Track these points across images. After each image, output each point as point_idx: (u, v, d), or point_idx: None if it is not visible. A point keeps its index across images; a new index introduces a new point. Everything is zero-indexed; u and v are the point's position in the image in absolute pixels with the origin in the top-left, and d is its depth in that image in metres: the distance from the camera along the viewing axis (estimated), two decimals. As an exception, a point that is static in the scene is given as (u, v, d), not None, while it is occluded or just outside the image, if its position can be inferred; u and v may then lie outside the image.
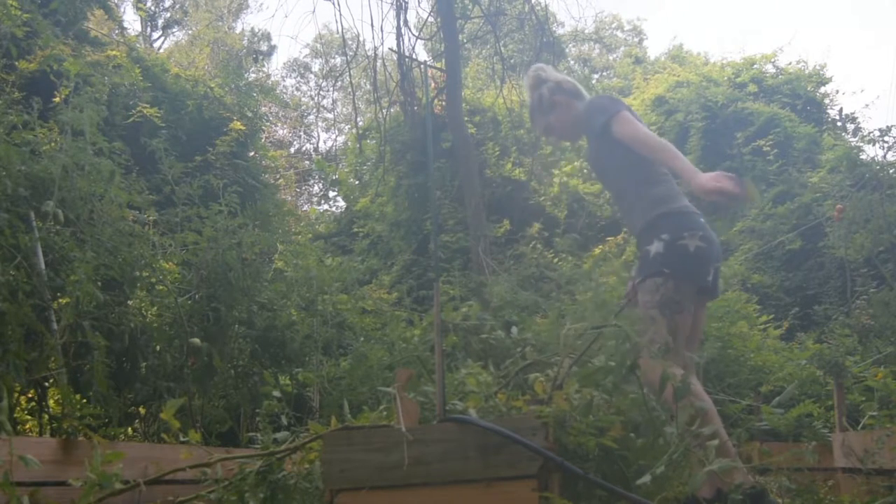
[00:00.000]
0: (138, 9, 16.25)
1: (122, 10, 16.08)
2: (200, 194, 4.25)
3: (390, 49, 10.77)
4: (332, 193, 19.67)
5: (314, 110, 23.57)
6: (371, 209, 12.23)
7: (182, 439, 2.73)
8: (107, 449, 2.12)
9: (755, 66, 12.65)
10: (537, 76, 3.03)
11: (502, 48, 11.44)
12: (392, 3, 8.93)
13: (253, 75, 14.85)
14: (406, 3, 8.88)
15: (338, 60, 22.44)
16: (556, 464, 1.70)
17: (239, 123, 7.81)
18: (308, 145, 23.63)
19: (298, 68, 25.01)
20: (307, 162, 21.04)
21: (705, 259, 2.61)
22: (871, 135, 7.57)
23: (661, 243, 2.61)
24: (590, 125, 2.83)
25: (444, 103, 9.78)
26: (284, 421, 2.90)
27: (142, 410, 3.87)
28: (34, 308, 2.94)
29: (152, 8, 21.64)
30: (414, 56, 9.46)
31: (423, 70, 9.75)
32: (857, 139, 9.02)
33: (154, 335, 3.72)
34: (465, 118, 9.90)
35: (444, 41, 9.24)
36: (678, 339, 2.54)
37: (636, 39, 24.91)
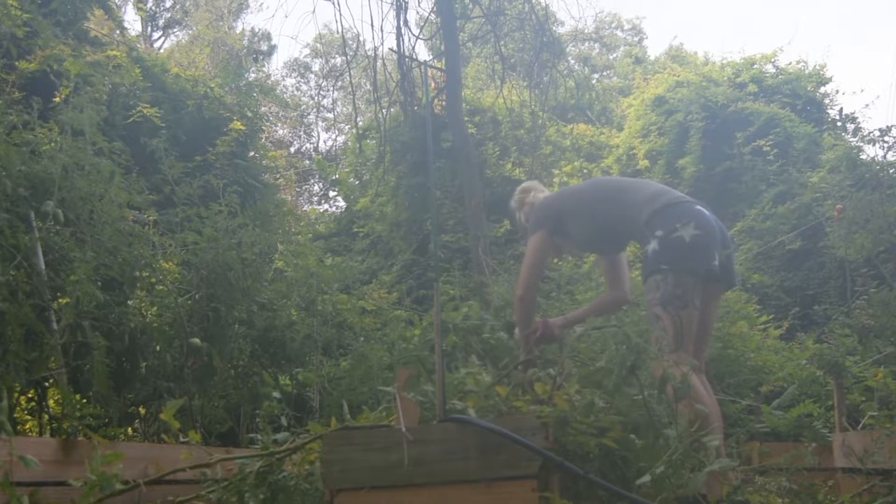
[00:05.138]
0: (139, 9, 16.23)
1: (122, 10, 16.07)
2: (200, 194, 4.25)
3: (390, 49, 10.76)
4: (332, 193, 19.70)
5: (314, 110, 23.55)
6: (371, 209, 12.22)
7: (182, 439, 2.74)
8: (107, 449, 2.12)
9: (755, 66, 12.63)
10: (520, 199, 3.27)
11: (502, 48, 11.43)
12: (392, 3, 8.92)
13: (253, 75, 14.83)
14: (406, 2, 8.87)
15: (338, 60, 22.44)
16: (556, 464, 1.70)
17: (239, 123, 7.80)
18: (308, 145, 23.62)
19: (298, 68, 24.98)
20: (307, 162, 21.03)
21: (704, 246, 2.63)
22: (871, 135, 7.57)
23: (656, 241, 2.64)
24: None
25: (444, 103, 9.77)
26: (284, 421, 2.90)
27: (142, 410, 3.87)
28: (34, 308, 2.95)
29: (153, 8, 21.63)
30: (414, 56, 9.45)
31: (423, 70, 9.74)
32: (857, 139, 9.00)
33: (154, 335, 3.72)
34: (465, 118, 9.89)
35: (444, 41, 9.24)
36: (686, 335, 2.54)
37: (636, 39, 24.90)
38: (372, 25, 22.97)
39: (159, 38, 22.71)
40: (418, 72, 9.75)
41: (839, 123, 10.89)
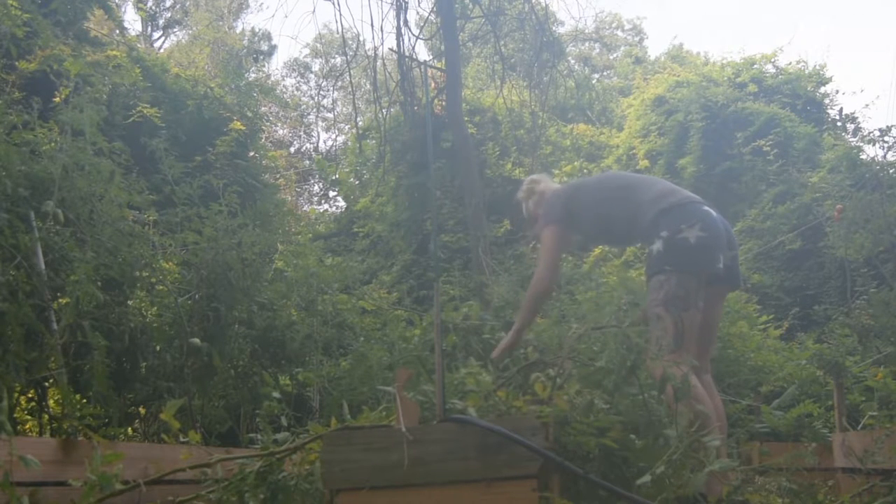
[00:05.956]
0: (139, 9, 16.24)
1: (122, 9, 16.08)
2: (200, 194, 4.24)
3: (390, 49, 10.76)
4: (332, 193, 19.68)
5: (314, 110, 23.55)
6: (371, 209, 12.22)
7: (182, 439, 2.73)
8: (107, 449, 2.12)
9: (755, 66, 12.63)
10: (529, 189, 3.28)
11: (502, 48, 11.43)
12: (392, 3, 8.93)
13: (253, 75, 14.83)
14: (406, 2, 8.87)
15: (338, 60, 22.43)
16: (556, 464, 1.70)
17: (239, 123, 7.81)
18: (308, 145, 23.62)
19: (298, 68, 24.98)
20: (307, 162, 21.02)
21: (709, 247, 2.63)
22: (871, 135, 7.56)
23: (660, 241, 2.64)
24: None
25: (444, 103, 9.77)
26: (284, 421, 2.89)
27: (142, 410, 3.87)
28: (34, 308, 2.94)
29: (153, 8, 21.64)
30: (414, 56, 9.45)
31: (423, 70, 9.74)
32: (857, 139, 9.00)
33: (154, 335, 3.71)
34: (465, 118, 9.89)
35: (444, 41, 9.24)
36: (687, 336, 2.54)
37: (636, 39, 24.91)
38: (372, 25, 23.07)
39: (159, 38, 22.74)
40: (418, 72, 9.75)
41: (839, 123, 10.89)
